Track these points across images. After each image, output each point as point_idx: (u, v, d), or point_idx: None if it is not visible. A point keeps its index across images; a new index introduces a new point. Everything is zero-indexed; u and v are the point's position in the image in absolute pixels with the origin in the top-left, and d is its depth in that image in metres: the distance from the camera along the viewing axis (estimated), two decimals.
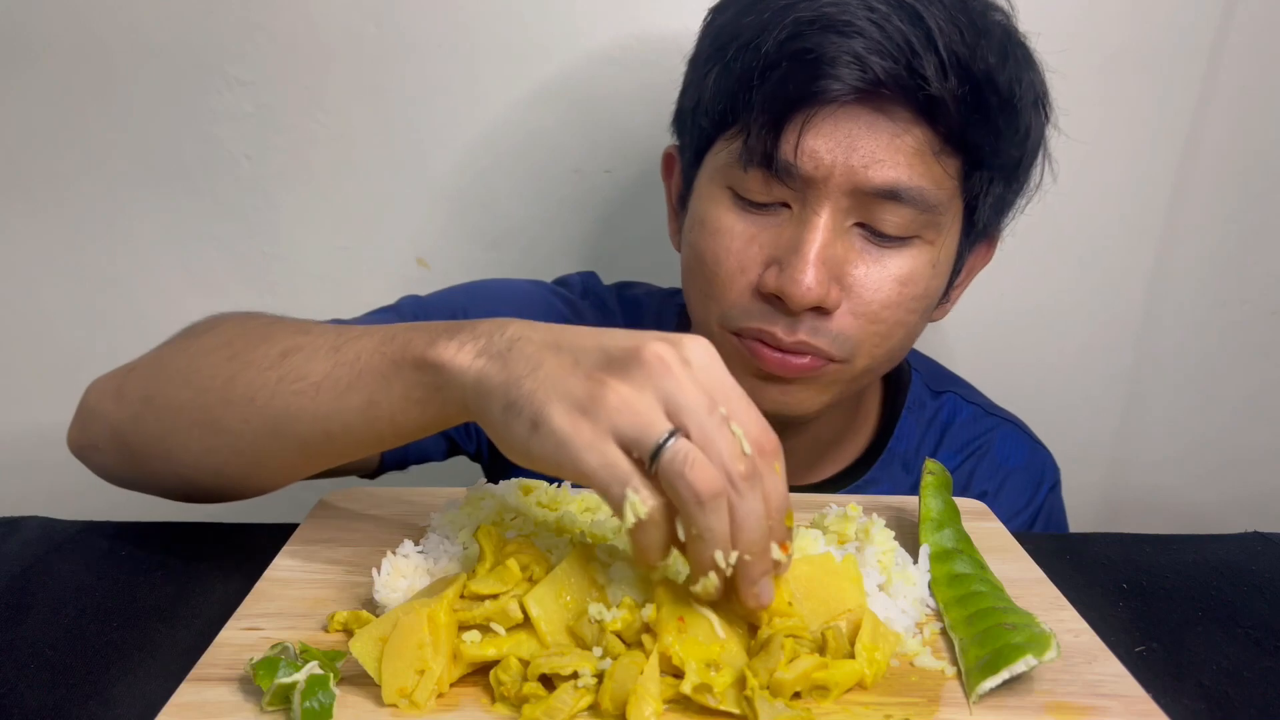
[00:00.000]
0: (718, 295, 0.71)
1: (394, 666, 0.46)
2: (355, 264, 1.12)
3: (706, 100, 0.71)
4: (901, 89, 0.64)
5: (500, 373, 0.49)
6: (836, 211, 0.67)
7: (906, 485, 0.88)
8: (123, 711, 0.50)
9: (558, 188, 1.10)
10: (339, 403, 0.57)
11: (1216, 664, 0.59)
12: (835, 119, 0.65)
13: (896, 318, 0.71)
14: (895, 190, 0.66)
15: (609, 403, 0.45)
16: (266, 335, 0.63)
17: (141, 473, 0.68)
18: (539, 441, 0.46)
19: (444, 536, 0.59)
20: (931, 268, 0.71)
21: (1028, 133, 0.71)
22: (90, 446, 0.69)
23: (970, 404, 0.92)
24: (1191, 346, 1.22)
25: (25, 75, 1.03)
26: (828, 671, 0.47)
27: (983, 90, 0.65)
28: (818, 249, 0.66)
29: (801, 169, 0.66)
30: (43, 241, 1.09)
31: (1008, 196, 0.75)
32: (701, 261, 0.72)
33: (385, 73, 1.04)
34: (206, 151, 1.06)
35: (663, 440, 0.45)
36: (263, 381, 0.59)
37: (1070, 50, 1.06)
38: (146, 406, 0.65)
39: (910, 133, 0.66)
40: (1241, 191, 1.14)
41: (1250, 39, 1.07)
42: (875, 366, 0.74)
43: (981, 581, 0.57)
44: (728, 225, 0.70)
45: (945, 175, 0.68)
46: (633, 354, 0.47)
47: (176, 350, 0.69)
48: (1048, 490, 0.91)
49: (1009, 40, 0.69)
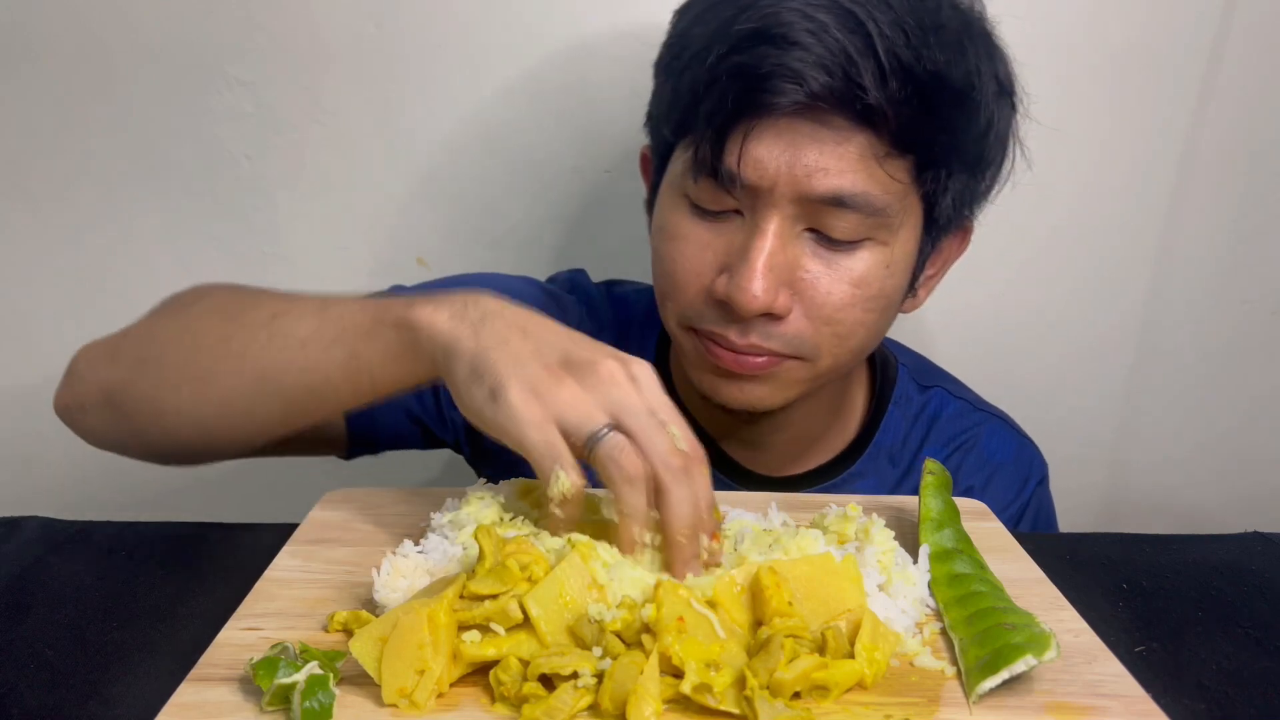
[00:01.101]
0: (675, 297, 0.74)
1: (394, 666, 0.46)
2: (355, 264, 1.12)
3: (665, 110, 0.74)
4: (840, 100, 0.64)
5: (471, 339, 0.57)
6: (785, 219, 0.68)
7: (892, 479, 0.88)
8: (123, 711, 0.50)
9: (557, 188, 1.10)
10: (323, 356, 0.63)
11: (1216, 664, 0.59)
12: (777, 129, 0.66)
13: (854, 318, 0.71)
14: (840, 198, 0.66)
15: (561, 395, 0.54)
16: (256, 301, 0.69)
17: (128, 431, 0.71)
18: (494, 410, 0.54)
19: (444, 536, 0.59)
20: (885, 268, 0.71)
21: (990, 123, 0.70)
22: (78, 407, 0.72)
23: (957, 399, 0.93)
24: (1191, 347, 1.22)
25: (25, 75, 1.03)
26: (828, 671, 0.47)
27: (929, 91, 0.64)
28: (765, 257, 0.67)
29: (746, 179, 0.67)
30: (43, 241, 1.09)
31: (972, 187, 0.75)
32: (660, 264, 0.75)
33: (385, 73, 1.05)
34: (206, 151, 1.06)
35: (600, 430, 0.53)
36: (253, 338, 0.65)
37: (1071, 50, 1.07)
38: (141, 366, 0.70)
39: (852, 140, 0.66)
40: (1241, 191, 1.14)
41: (1250, 39, 1.07)
42: (840, 364, 0.75)
43: (981, 581, 0.57)
44: (684, 231, 0.72)
45: (892, 179, 0.67)
46: (589, 364, 0.55)
47: (169, 316, 0.74)
48: (1035, 485, 0.91)
49: (967, 33, 0.68)
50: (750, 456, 0.87)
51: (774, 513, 0.65)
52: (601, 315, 0.91)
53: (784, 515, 0.64)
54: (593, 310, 0.90)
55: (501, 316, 0.59)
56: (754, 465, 0.87)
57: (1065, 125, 1.09)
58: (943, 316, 1.16)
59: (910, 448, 0.89)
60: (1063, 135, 1.10)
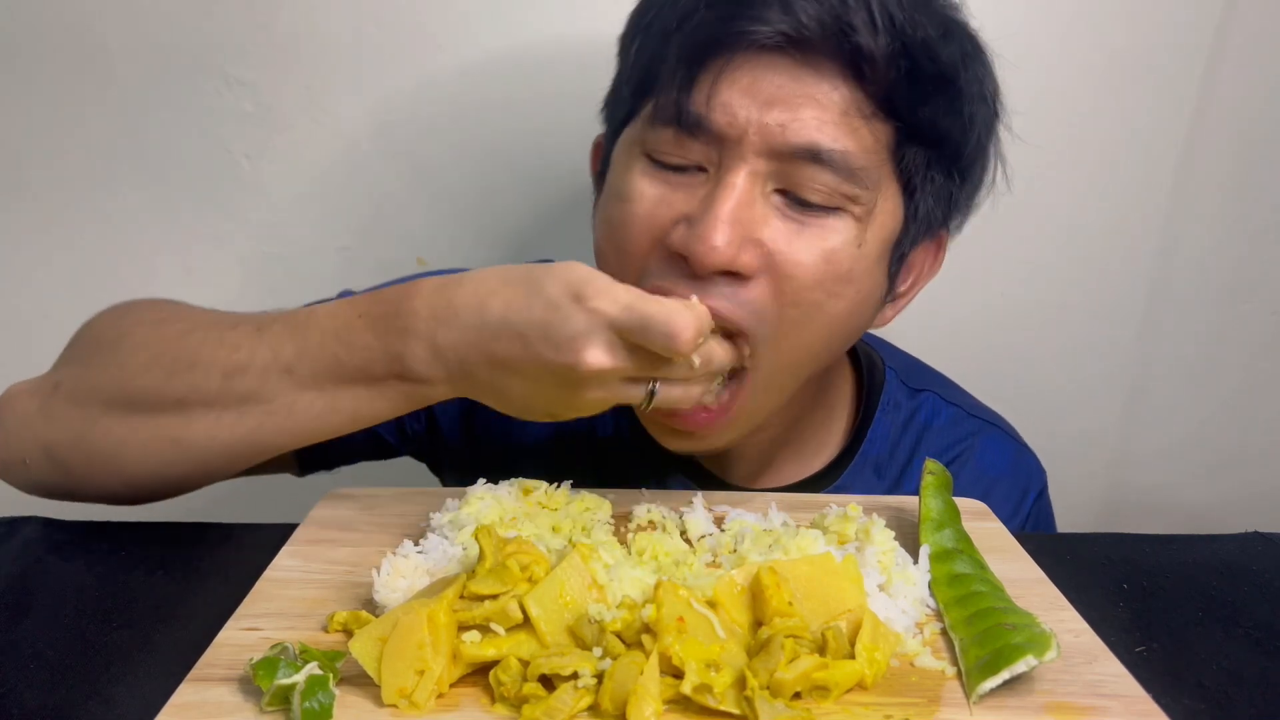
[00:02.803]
0: (622, 264, 0.65)
1: (394, 667, 0.46)
2: (355, 264, 1.12)
3: (628, 69, 0.68)
4: (828, 37, 0.59)
5: (486, 368, 0.58)
6: (754, 175, 0.62)
7: (880, 491, 0.82)
8: (123, 711, 0.50)
9: (558, 187, 1.10)
10: (318, 422, 0.63)
11: (1216, 664, 0.59)
12: (753, 70, 0.60)
13: (815, 299, 0.64)
14: (815, 150, 0.60)
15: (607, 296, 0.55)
16: (194, 351, 0.64)
17: (80, 483, 0.68)
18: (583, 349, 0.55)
19: (444, 536, 0.59)
20: (858, 246, 0.64)
21: (972, 122, 0.67)
22: (16, 463, 0.68)
23: (950, 404, 0.87)
24: (1191, 347, 1.22)
25: (25, 75, 1.03)
26: (828, 672, 0.47)
27: (918, 57, 0.60)
28: (731, 207, 0.60)
29: (714, 123, 0.61)
30: (42, 242, 1.09)
31: (952, 190, 0.70)
32: (609, 231, 0.67)
33: (385, 73, 1.04)
34: (206, 151, 1.06)
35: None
36: (221, 405, 0.63)
37: (1070, 51, 1.07)
38: (89, 427, 0.65)
39: (837, 90, 0.61)
40: (1241, 191, 1.14)
41: (1250, 39, 1.07)
42: (783, 363, 0.66)
43: (981, 582, 0.57)
44: (639, 190, 0.65)
45: (874, 142, 0.62)
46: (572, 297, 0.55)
47: (99, 366, 0.68)
48: (1034, 497, 0.87)
49: (956, 27, 0.65)
50: (723, 467, 0.81)
51: (774, 513, 0.65)
52: None
53: (784, 515, 0.65)
54: None
55: (463, 325, 0.58)
56: (731, 477, 0.81)
57: (1065, 125, 1.10)
58: (943, 319, 1.16)
59: (899, 460, 0.84)
60: (1063, 135, 1.10)
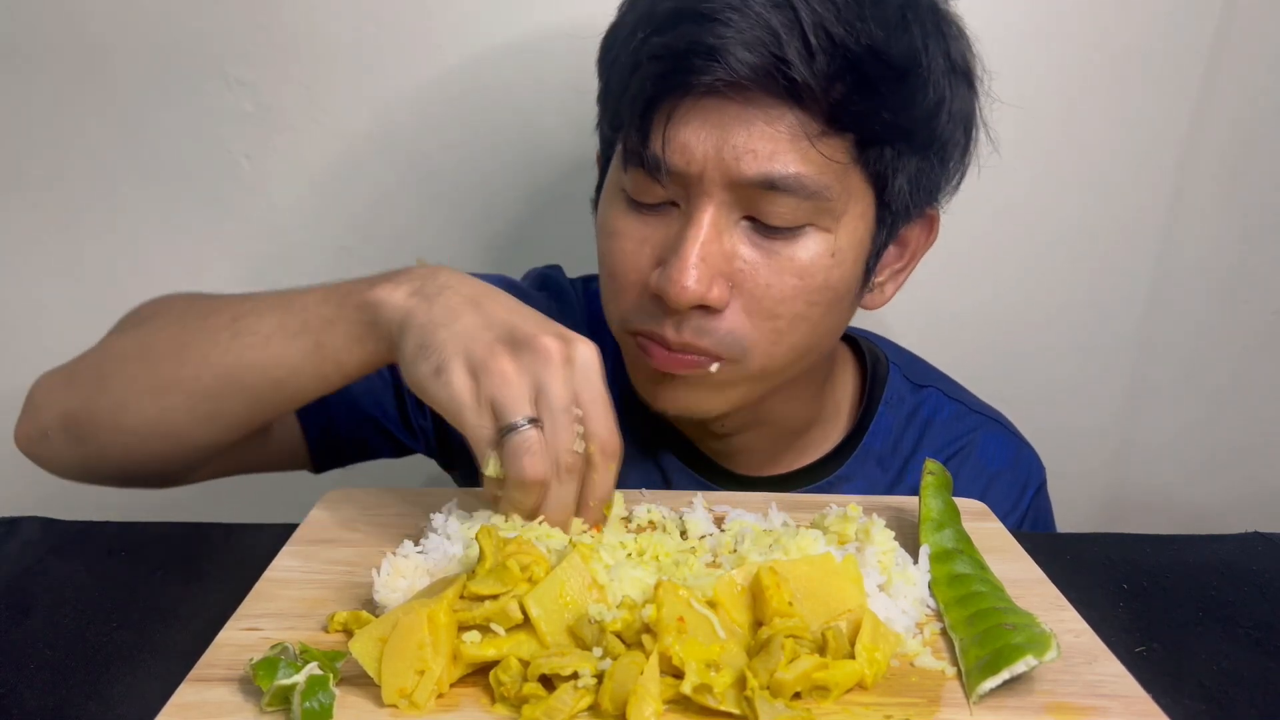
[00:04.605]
0: (617, 298, 0.71)
1: (394, 667, 0.46)
2: (355, 264, 1.12)
3: (602, 103, 0.72)
4: (765, 77, 0.61)
5: (424, 314, 0.59)
6: (720, 206, 0.65)
7: (882, 484, 0.85)
8: (123, 711, 0.50)
9: (558, 187, 1.10)
10: (287, 347, 0.64)
11: (1216, 664, 0.59)
12: (702, 111, 0.63)
13: (794, 311, 0.67)
14: (771, 180, 0.63)
15: (494, 372, 0.56)
16: (215, 306, 0.69)
17: (91, 454, 0.70)
18: (436, 387, 0.57)
19: (444, 536, 0.59)
20: (830, 256, 0.67)
21: (940, 102, 0.67)
22: (39, 436, 0.72)
23: (952, 400, 0.89)
24: (1191, 346, 1.22)
25: (25, 75, 1.03)
26: (828, 672, 0.47)
27: (864, 66, 0.61)
28: (698, 247, 0.64)
29: (671, 164, 0.64)
30: (42, 241, 1.09)
31: (928, 170, 0.70)
32: (603, 264, 0.73)
33: (385, 73, 1.05)
34: (206, 151, 1.06)
35: (516, 422, 0.55)
36: (214, 341, 0.66)
37: (1071, 51, 1.07)
38: (100, 385, 0.69)
39: (782, 120, 0.63)
40: (1241, 191, 1.14)
41: (1250, 39, 1.07)
42: (776, 365, 0.70)
43: (982, 582, 0.57)
44: (622, 228, 0.70)
45: (829, 159, 0.64)
46: (529, 339, 0.57)
47: (125, 334, 0.74)
48: (1033, 493, 0.88)
49: (911, 8, 0.65)
50: (726, 455, 0.84)
51: (774, 513, 0.65)
52: (575, 311, 0.88)
53: (784, 515, 0.65)
54: (565, 306, 0.88)
55: (457, 290, 0.60)
56: (732, 465, 0.84)
57: (1065, 124, 1.10)
58: (943, 316, 1.16)
59: (902, 453, 0.86)
60: (1063, 135, 1.10)
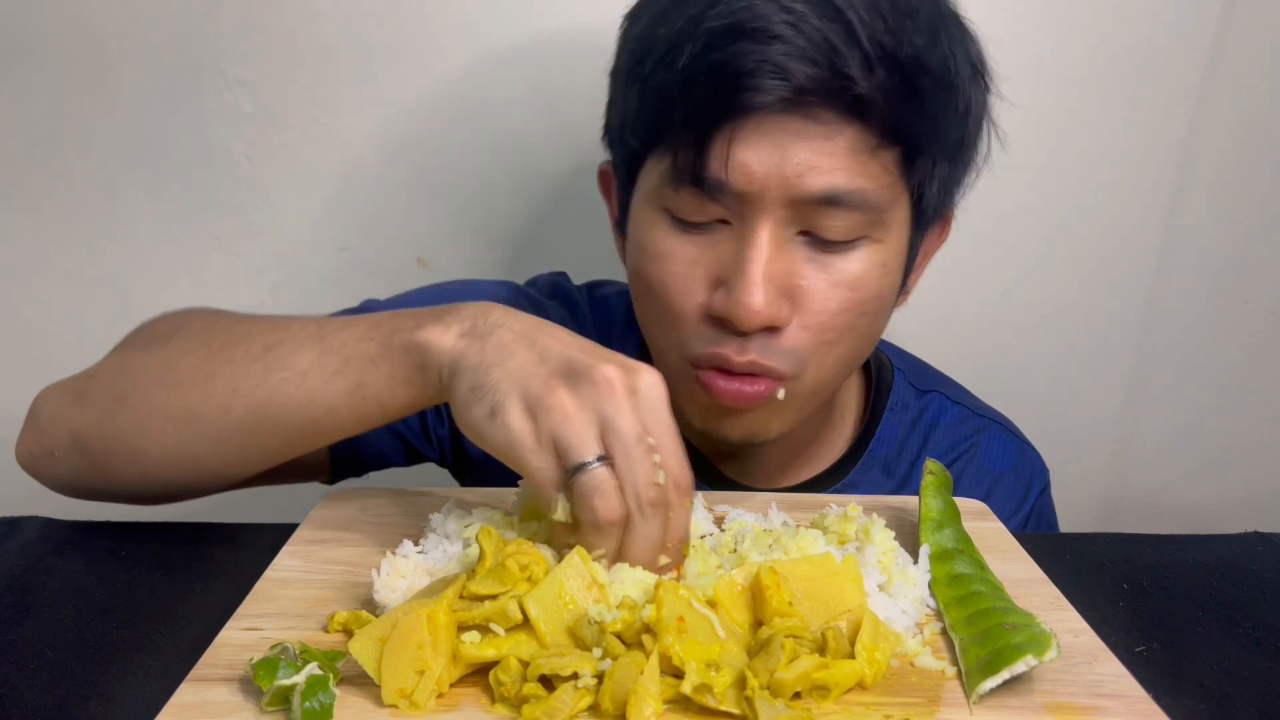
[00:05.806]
0: (672, 323, 0.70)
1: (394, 667, 0.46)
2: (355, 264, 1.12)
3: (631, 119, 0.69)
4: (828, 92, 0.61)
5: (476, 355, 0.56)
6: (777, 223, 0.65)
7: (887, 489, 0.85)
8: (123, 711, 0.50)
9: (558, 187, 1.10)
10: (326, 386, 0.61)
11: (1216, 664, 0.59)
12: (762, 129, 0.63)
13: (847, 323, 0.68)
14: (834, 196, 0.63)
15: (553, 409, 0.52)
16: (245, 333, 0.65)
17: (101, 475, 0.68)
18: (494, 430, 0.53)
19: (444, 536, 0.59)
20: (882, 267, 0.68)
21: (968, 108, 0.68)
22: (45, 454, 0.69)
23: (956, 404, 0.90)
24: (1191, 346, 1.22)
25: (25, 75, 1.03)
26: (828, 671, 0.47)
27: (913, 76, 0.62)
28: (763, 267, 0.64)
29: (734, 185, 0.63)
30: (42, 241, 1.09)
31: (955, 175, 0.72)
32: (649, 289, 0.70)
33: (385, 73, 1.04)
34: (206, 151, 1.06)
35: (586, 461, 0.51)
36: (246, 373, 0.62)
37: (1072, 51, 1.07)
38: (116, 407, 0.66)
39: (842, 134, 0.63)
40: (1241, 191, 1.14)
41: (1250, 39, 1.07)
42: (825, 378, 0.71)
43: (982, 582, 0.57)
44: (668, 250, 0.68)
45: (885, 170, 0.65)
46: (587, 371, 0.53)
47: (142, 350, 0.70)
48: (1037, 494, 0.89)
49: (937, 15, 0.65)
50: (741, 470, 0.84)
51: (774, 513, 0.65)
52: (583, 319, 0.88)
53: (784, 515, 0.65)
54: (575, 314, 0.88)
55: (510, 328, 0.57)
56: (745, 479, 0.84)
57: (1065, 124, 1.10)
58: (943, 317, 1.16)
59: (906, 458, 0.86)
60: (1063, 135, 1.10)
